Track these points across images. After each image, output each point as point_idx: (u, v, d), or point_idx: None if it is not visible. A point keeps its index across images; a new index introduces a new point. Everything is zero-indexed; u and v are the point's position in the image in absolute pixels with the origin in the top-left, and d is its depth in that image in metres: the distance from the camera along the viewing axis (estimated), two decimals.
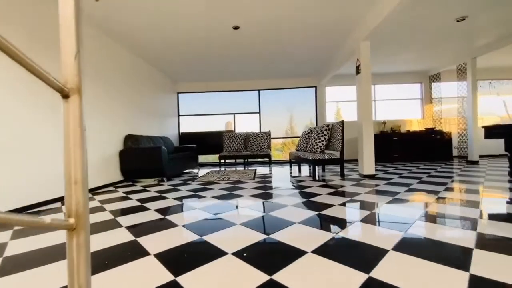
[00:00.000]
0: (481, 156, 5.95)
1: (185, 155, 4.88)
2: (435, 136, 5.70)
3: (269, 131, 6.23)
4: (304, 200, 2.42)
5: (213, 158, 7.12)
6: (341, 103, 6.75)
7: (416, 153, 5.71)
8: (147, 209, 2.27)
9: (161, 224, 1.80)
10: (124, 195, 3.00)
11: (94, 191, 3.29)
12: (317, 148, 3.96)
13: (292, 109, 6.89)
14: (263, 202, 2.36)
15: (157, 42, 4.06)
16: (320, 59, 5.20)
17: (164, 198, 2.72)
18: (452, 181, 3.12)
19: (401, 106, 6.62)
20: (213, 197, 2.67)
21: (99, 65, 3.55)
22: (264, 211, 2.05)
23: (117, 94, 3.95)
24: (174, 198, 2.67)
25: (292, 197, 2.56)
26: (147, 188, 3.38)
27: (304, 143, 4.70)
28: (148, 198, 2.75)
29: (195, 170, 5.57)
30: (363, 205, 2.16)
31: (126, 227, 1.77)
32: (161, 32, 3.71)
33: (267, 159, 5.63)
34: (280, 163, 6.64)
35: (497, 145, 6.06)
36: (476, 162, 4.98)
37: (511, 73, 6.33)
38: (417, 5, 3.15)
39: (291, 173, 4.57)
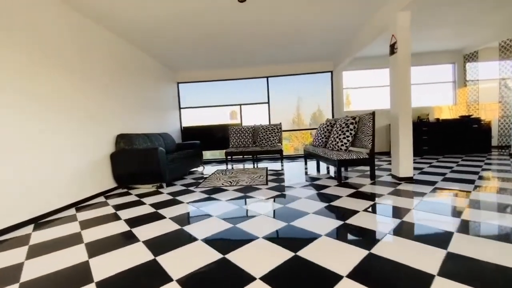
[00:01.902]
0: None
1: (188, 153, 4.33)
2: (471, 125, 4.97)
3: (280, 123, 5.60)
4: (339, 223, 1.83)
5: (220, 153, 6.58)
6: (349, 90, 5.98)
7: (449, 145, 5.01)
8: (135, 239, 1.74)
9: (149, 272, 1.26)
10: (113, 211, 2.48)
11: (80, 204, 2.79)
12: (342, 145, 3.33)
13: (302, 97, 6.20)
14: (286, 227, 1.80)
15: (147, 21, 3.41)
16: (339, 40, 4.46)
17: (160, 217, 2.18)
18: None
19: (428, 91, 5.83)
20: (220, 217, 2.12)
21: (82, 54, 2.96)
22: (291, 249, 1.48)
23: (105, 87, 3.37)
24: (172, 219, 2.13)
25: (320, 216, 1.98)
26: (142, 199, 2.85)
27: (323, 138, 4.07)
28: (140, 217, 2.23)
29: (200, 169, 5.04)
30: (425, 233, 1.56)
31: (95, 283, 1.23)
32: (149, 8, 3.05)
33: (279, 155, 5.05)
34: (291, 158, 6.04)
35: None
36: None
37: None
38: None
39: (307, 172, 3.99)
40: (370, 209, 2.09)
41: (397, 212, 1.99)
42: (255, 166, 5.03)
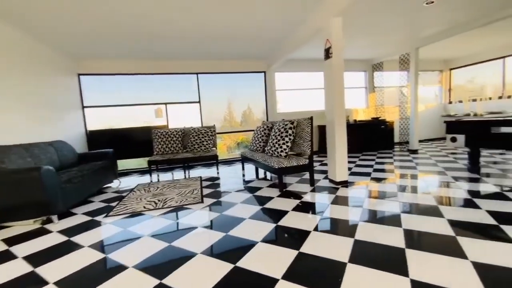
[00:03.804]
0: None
1: (95, 167, 3.34)
2: (380, 126, 5.76)
3: (214, 125, 5.11)
4: (294, 255, 1.56)
5: (143, 161, 5.56)
6: (278, 92, 6.06)
7: (365, 143, 5.66)
8: None
9: None
10: None
11: None
12: (281, 151, 3.16)
13: (234, 95, 5.86)
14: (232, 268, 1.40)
15: None
16: (272, 39, 4.31)
17: (40, 283, 1.41)
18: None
19: (347, 95, 6.47)
20: (137, 267, 1.53)
21: None
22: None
23: None
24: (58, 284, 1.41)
25: (261, 230, 1.67)
26: (13, 248, 1.90)
27: (260, 142, 3.84)
28: None
29: (115, 184, 4.04)
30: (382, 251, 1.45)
31: None
32: None
33: (214, 161, 4.58)
34: (227, 162, 5.66)
35: (432, 130, 6.69)
36: (415, 151, 5.20)
37: (431, 65, 6.95)
38: None
39: (246, 180, 3.69)
40: (318, 228, 1.91)
41: (347, 231, 1.88)
42: (187, 176, 4.41)
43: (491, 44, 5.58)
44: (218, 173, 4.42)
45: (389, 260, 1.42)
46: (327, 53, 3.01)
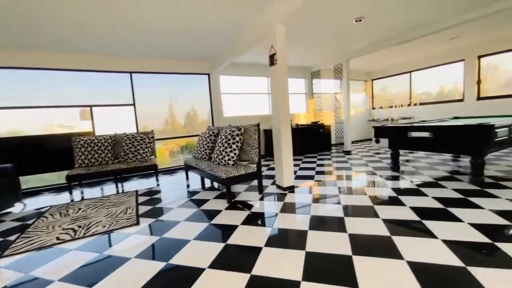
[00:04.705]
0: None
1: None
2: (319, 129, 6.20)
3: (152, 131, 4.60)
4: (246, 279, 1.42)
5: (60, 176, 4.57)
6: (224, 95, 5.95)
7: (307, 146, 6.00)
8: None
9: None
10: None
11: None
12: (229, 159, 3.00)
13: (176, 97, 5.41)
14: None
15: None
16: (217, 40, 4.12)
17: None
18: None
19: (291, 100, 6.78)
20: None
21: None
22: None
23: None
24: None
25: (209, 253, 1.50)
26: None
27: (206, 149, 3.60)
28: None
29: (18, 209, 3.17)
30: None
31: None
32: None
33: (153, 171, 4.10)
34: (169, 171, 5.18)
35: (360, 132, 7.55)
36: (349, 152, 5.78)
37: (359, 75, 7.91)
38: None
39: (190, 191, 3.39)
40: (269, 243, 1.83)
41: (296, 242, 1.86)
42: (120, 190, 3.81)
43: (401, 60, 6.67)
44: (158, 184, 3.97)
45: (340, 270, 1.43)
46: (272, 60, 3.01)
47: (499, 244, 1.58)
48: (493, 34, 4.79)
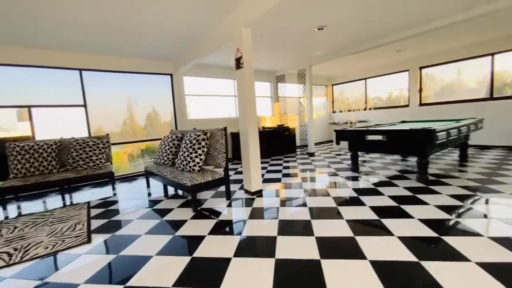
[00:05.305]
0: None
1: None
2: (284, 132, 6.35)
3: (107, 135, 4.19)
4: None
5: None
6: (188, 97, 5.74)
7: (273, 148, 6.09)
8: None
9: None
10: None
11: None
12: (194, 165, 2.86)
13: (135, 97, 5.02)
14: None
15: None
16: (180, 39, 3.93)
17: None
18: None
19: (257, 103, 6.82)
20: None
21: None
22: None
23: None
24: None
25: (173, 269, 1.39)
26: None
27: (169, 154, 3.39)
28: None
29: None
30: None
31: None
32: None
33: (108, 178, 3.71)
34: (127, 178, 4.77)
35: (322, 134, 7.92)
36: (313, 154, 6.03)
37: (320, 80, 8.34)
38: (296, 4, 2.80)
39: (151, 199, 3.15)
40: (238, 253, 1.78)
41: (266, 251, 1.83)
42: (68, 202, 3.36)
43: (358, 68, 7.22)
44: (115, 194, 3.61)
45: (309, 276, 1.44)
46: (238, 63, 2.97)
47: (444, 238, 1.77)
48: (431, 48, 5.48)
